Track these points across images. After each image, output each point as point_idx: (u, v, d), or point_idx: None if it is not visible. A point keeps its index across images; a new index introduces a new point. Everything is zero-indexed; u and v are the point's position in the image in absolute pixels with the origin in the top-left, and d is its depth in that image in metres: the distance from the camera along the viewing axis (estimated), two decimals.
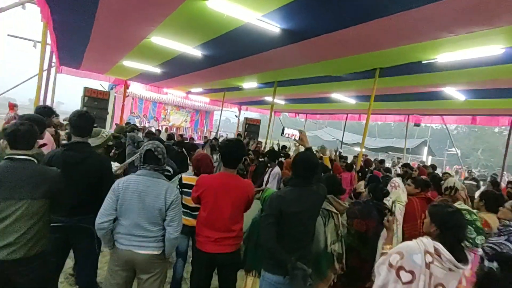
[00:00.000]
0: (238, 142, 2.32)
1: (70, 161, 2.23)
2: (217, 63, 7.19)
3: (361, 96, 9.03)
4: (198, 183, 2.26)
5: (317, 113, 15.16)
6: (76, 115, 2.39)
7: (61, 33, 6.14)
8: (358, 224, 2.40)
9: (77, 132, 2.38)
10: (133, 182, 1.98)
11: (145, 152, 2.02)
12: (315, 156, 2.10)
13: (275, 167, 4.52)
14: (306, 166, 1.98)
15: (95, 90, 11.58)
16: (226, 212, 2.16)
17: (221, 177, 2.25)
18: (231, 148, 2.23)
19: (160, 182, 2.03)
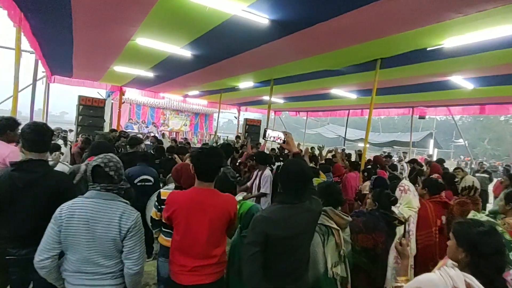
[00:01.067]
0: (213, 150, 1.95)
1: (18, 184, 1.88)
2: (208, 63, 6.85)
3: (362, 90, 8.63)
4: (168, 201, 1.89)
5: (318, 110, 14.75)
6: (30, 127, 2.03)
7: (42, 39, 5.84)
8: (364, 240, 2.02)
9: (31, 147, 2.02)
10: (79, 207, 1.60)
11: (92, 168, 1.64)
12: (306, 165, 1.72)
13: (265, 170, 4.17)
14: (297, 178, 1.58)
15: (90, 98, 11.31)
16: (203, 235, 1.79)
17: (194, 193, 1.86)
18: (203, 157, 1.85)
19: (114, 205, 1.64)
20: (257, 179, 4.12)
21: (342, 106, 12.23)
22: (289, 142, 2.05)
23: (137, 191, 3.56)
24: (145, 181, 3.66)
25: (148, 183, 3.68)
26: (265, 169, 4.22)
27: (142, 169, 3.74)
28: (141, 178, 3.65)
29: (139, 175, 3.66)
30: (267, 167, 4.21)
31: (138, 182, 3.62)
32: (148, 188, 3.64)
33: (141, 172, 3.68)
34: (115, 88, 12.58)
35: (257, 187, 4.04)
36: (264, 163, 4.23)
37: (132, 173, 3.65)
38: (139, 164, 3.80)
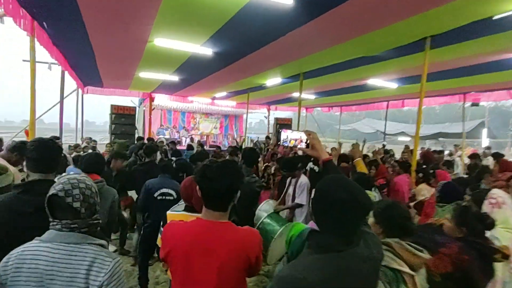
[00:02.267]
0: (226, 166, 1.37)
1: (23, 210, 1.54)
2: (232, 61, 6.42)
3: (404, 78, 7.66)
4: (163, 235, 1.40)
5: (352, 104, 13.72)
6: (33, 144, 1.76)
7: (63, 48, 5.78)
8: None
9: (35, 166, 1.74)
10: (30, 255, 1.14)
11: (49, 199, 1.18)
12: (357, 186, 1.03)
13: (301, 176, 3.57)
14: (346, 211, 0.96)
15: (122, 106, 11.52)
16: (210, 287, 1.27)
17: (199, 226, 1.33)
18: (213, 175, 1.31)
19: (80, 252, 1.16)
20: (291, 187, 3.56)
21: (379, 98, 11.18)
22: (315, 146, 1.48)
23: (157, 205, 3.20)
24: (165, 195, 3.30)
25: (169, 197, 3.31)
26: (300, 175, 3.63)
27: (162, 181, 3.39)
28: (161, 192, 3.29)
29: (159, 188, 3.32)
30: (302, 173, 3.62)
31: (158, 196, 3.27)
32: (169, 202, 3.25)
33: (161, 185, 3.34)
34: (146, 95, 12.71)
35: (292, 197, 3.48)
36: (293, 170, 3.64)
37: (152, 185, 3.34)
38: (160, 176, 3.45)
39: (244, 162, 2.88)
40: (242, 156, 2.89)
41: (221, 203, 1.33)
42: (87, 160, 2.71)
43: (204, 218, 1.35)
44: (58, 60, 5.99)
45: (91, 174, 2.53)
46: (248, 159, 2.98)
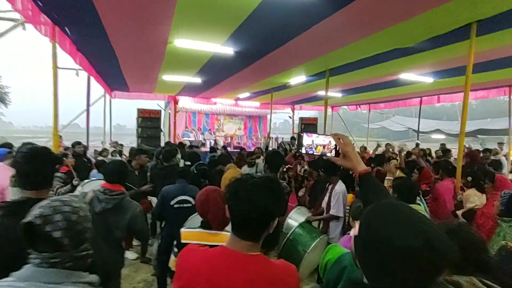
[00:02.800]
0: (265, 184, 1.04)
1: (8, 237, 1.26)
2: (254, 60, 6.19)
3: (442, 71, 7.04)
4: (178, 264, 1.15)
5: (382, 102, 13.00)
6: (24, 154, 1.46)
7: (87, 54, 5.85)
8: None
9: (24, 183, 1.46)
10: None
11: (24, 227, 0.95)
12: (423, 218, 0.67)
13: (337, 183, 3.23)
14: (416, 261, 0.61)
15: (148, 110, 11.70)
16: None
17: (222, 258, 1.05)
18: (245, 197, 1.02)
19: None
20: (327, 194, 3.22)
21: (411, 94, 10.45)
22: (348, 154, 1.13)
23: (174, 214, 3.02)
24: (183, 202, 3.10)
25: (187, 205, 3.10)
26: (337, 182, 3.25)
27: (179, 187, 3.18)
28: (179, 199, 3.09)
29: (176, 195, 3.11)
30: (338, 179, 3.26)
31: (175, 204, 3.07)
32: (187, 210, 3.07)
33: (178, 192, 3.13)
34: (171, 98, 12.86)
35: (327, 205, 3.14)
36: (334, 174, 3.28)
37: (168, 192, 3.13)
38: (177, 182, 3.26)
39: (268, 167, 2.62)
40: (266, 160, 2.62)
41: (253, 231, 1.04)
42: (110, 170, 2.55)
43: (229, 247, 1.05)
44: (83, 66, 6.08)
45: (114, 185, 2.42)
46: (272, 163, 2.71)
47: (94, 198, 2.35)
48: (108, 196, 2.33)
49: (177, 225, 3.01)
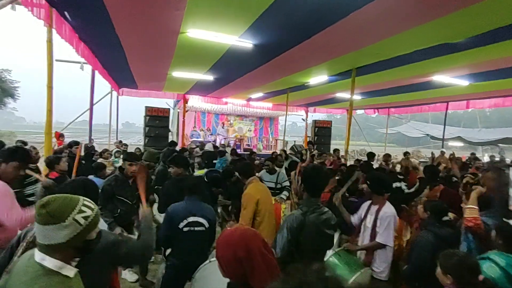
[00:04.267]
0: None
1: None
2: (274, 55, 5.58)
3: (481, 74, 6.31)
4: None
5: (403, 106, 12.23)
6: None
7: (90, 43, 5.31)
8: None
9: None
10: None
11: None
12: None
13: (385, 204, 2.54)
14: None
15: (156, 108, 11.19)
16: None
17: None
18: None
19: None
20: (369, 216, 2.56)
21: (438, 98, 9.68)
22: None
23: (183, 239, 2.40)
24: (194, 225, 2.46)
25: (199, 228, 2.47)
26: (384, 203, 2.57)
27: (190, 206, 2.51)
28: (189, 221, 2.44)
29: (185, 215, 2.45)
30: (385, 199, 2.57)
31: (185, 227, 2.43)
32: (199, 235, 2.46)
33: (188, 211, 2.47)
34: (180, 97, 12.34)
35: (371, 231, 2.49)
36: (381, 190, 2.57)
37: (175, 212, 2.46)
38: (186, 199, 2.57)
39: (307, 190, 1.94)
40: (304, 182, 1.94)
41: None
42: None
43: None
44: (87, 58, 5.55)
45: None
46: (312, 186, 1.94)
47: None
48: None
49: (187, 253, 2.42)
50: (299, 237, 1.80)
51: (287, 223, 1.83)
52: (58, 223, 1.08)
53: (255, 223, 2.86)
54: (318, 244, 1.92)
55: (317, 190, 1.97)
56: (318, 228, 1.88)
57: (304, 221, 1.82)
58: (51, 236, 1.09)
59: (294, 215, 1.85)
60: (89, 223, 1.15)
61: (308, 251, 1.84)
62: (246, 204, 2.85)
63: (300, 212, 1.88)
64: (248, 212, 2.82)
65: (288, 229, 1.81)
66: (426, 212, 2.52)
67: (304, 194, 1.99)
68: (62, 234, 1.09)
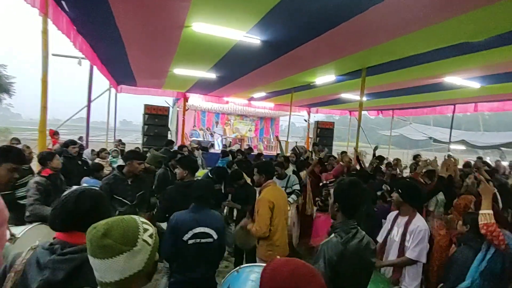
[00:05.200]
0: None
1: None
2: (282, 52, 5.33)
3: (494, 76, 6.09)
4: None
5: (407, 108, 11.99)
6: None
7: (88, 37, 5.02)
8: None
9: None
10: None
11: None
12: None
13: (416, 216, 2.26)
14: None
15: (155, 106, 10.91)
16: None
17: None
18: None
19: None
20: (395, 229, 2.30)
21: (445, 100, 9.46)
22: None
23: (189, 253, 2.12)
24: (201, 237, 2.18)
25: (206, 239, 2.19)
26: (415, 214, 2.29)
27: (196, 214, 2.23)
28: (194, 233, 2.16)
29: (191, 226, 2.17)
30: (415, 211, 2.29)
31: (190, 239, 2.15)
32: (206, 247, 2.19)
33: (193, 221, 2.19)
34: (180, 95, 12.06)
35: (399, 245, 2.22)
36: (415, 202, 2.28)
37: (179, 222, 2.17)
38: (192, 207, 2.27)
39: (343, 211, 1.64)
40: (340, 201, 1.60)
41: None
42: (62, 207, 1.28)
43: None
44: (85, 52, 5.27)
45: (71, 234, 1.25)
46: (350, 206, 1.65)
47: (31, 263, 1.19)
48: (59, 256, 1.18)
49: (193, 268, 2.15)
50: (338, 269, 1.51)
51: (324, 254, 1.54)
52: (130, 250, 0.92)
53: (269, 233, 2.59)
54: (359, 275, 1.61)
55: (355, 210, 1.67)
56: (361, 257, 1.59)
57: (345, 251, 1.53)
58: (125, 268, 0.90)
59: (332, 244, 1.56)
60: (155, 241, 1.01)
61: (348, 284, 1.55)
62: (262, 209, 2.58)
63: (339, 240, 1.57)
64: (264, 218, 2.56)
65: (326, 262, 1.51)
66: (465, 226, 2.27)
67: (338, 214, 1.69)
68: (137, 261, 0.93)
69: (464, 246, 2.25)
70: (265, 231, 2.56)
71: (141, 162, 3.09)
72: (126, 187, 3.00)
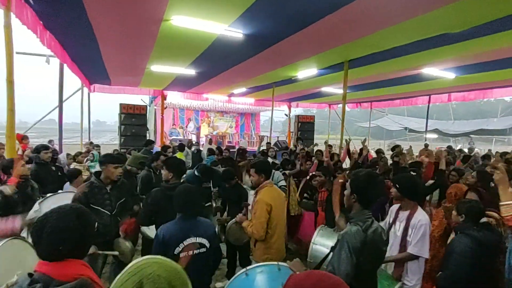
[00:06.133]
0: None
1: None
2: (265, 46, 5.21)
3: (468, 66, 6.30)
4: None
5: (385, 100, 12.27)
6: None
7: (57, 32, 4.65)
8: None
9: None
10: None
11: None
12: None
13: (417, 211, 2.24)
14: None
15: (132, 105, 10.47)
16: None
17: None
18: None
19: None
20: (397, 224, 2.29)
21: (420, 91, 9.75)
22: None
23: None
24: (192, 248, 2.00)
25: (199, 250, 2.02)
26: (416, 208, 2.27)
27: (185, 224, 2.03)
28: (185, 245, 1.97)
29: (182, 238, 1.97)
30: (416, 205, 2.28)
31: (181, 252, 1.96)
32: (200, 258, 2.03)
33: (184, 233, 1.99)
34: (157, 93, 11.63)
35: (401, 240, 2.21)
36: (413, 195, 2.26)
37: (167, 235, 1.97)
38: (180, 217, 2.07)
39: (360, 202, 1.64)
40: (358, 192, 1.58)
41: None
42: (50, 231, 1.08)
43: None
44: (54, 49, 4.88)
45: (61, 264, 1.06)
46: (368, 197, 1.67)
47: None
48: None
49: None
50: (360, 256, 1.51)
51: (347, 243, 1.52)
52: None
53: (266, 236, 2.49)
54: (375, 265, 1.67)
55: (372, 201, 1.70)
56: (378, 246, 1.61)
57: (366, 238, 1.54)
58: None
59: (353, 232, 1.55)
60: None
61: (366, 274, 1.56)
62: (259, 212, 2.46)
63: (359, 228, 1.57)
64: (261, 222, 2.44)
65: (351, 250, 1.50)
66: (460, 216, 2.28)
67: (355, 205, 1.68)
68: None
69: (461, 235, 2.26)
70: (261, 234, 2.46)
71: (117, 166, 2.80)
72: (104, 196, 2.76)
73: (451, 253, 2.25)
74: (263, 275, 1.84)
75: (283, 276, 1.74)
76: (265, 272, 1.85)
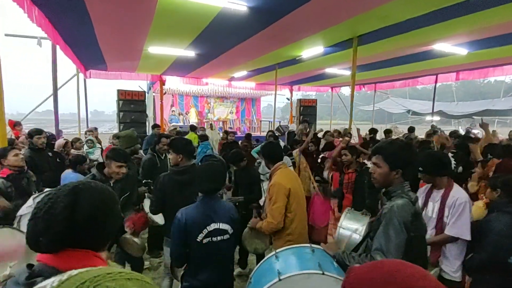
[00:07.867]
0: None
1: None
2: (271, 21, 4.89)
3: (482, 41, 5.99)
4: None
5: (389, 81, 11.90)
6: None
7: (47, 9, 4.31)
8: None
9: None
10: None
11: None
12: None
13: (454, 188, 2.03)
14: None
15: (130, 91, 10.15)
16: None
17: None
18: None
19: None
20: (431, 204, 2.07)
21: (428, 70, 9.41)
22: None
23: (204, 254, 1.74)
24: (215, 234, 1.82)
25: (222, 236, 1.84)
26: (452, 185, 2.07)
27: (208, 208, 1.85)
28: (209, 231, 1.80)
29: (205, 224, 1.80)
30: (451, 181, 2.07)
31: (205, 238, 1.79)
32: (222, 245, 1.84)
33: (207, 218, 1.81)
34: (155, 78, 11.27)
35: (436, 221, 2.00)
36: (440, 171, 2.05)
37: (190, 220, 1.78)
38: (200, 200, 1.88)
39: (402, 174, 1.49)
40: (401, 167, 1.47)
41: None
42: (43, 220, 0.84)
43: None
44: (45, 27, 4.53)
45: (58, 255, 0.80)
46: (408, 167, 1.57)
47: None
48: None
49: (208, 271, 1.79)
50: (411, 229, 1.37)
51: (397, 218, 1.35)
52: None
53: (285, 221, 2.26)
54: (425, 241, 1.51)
55: (409, 172, 1.52)
56: (421, 219, 1.47)
57: (416, 209, 1.41)
58: None
59: (401, 206, 1.38)
60: None
61: (418, 250, 1.40)
62: (276, 197, 2.24)
63: (407, 200, 1.41)
64: (279, 207, 2.22)
65: (403, 224, 1.34)
66: (495, 191, 2.06)
67: (395, 180, 1.49)
68: None
69: (499, 213, 2.05)
70: (279, 220, 2.23)
71: (121, 165, 2.47)
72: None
73: (486, 233, 2.05)
74: (295, 257, 1.64)
75: (318, 257, 1.54)
76: (297, 254, 1.65)
